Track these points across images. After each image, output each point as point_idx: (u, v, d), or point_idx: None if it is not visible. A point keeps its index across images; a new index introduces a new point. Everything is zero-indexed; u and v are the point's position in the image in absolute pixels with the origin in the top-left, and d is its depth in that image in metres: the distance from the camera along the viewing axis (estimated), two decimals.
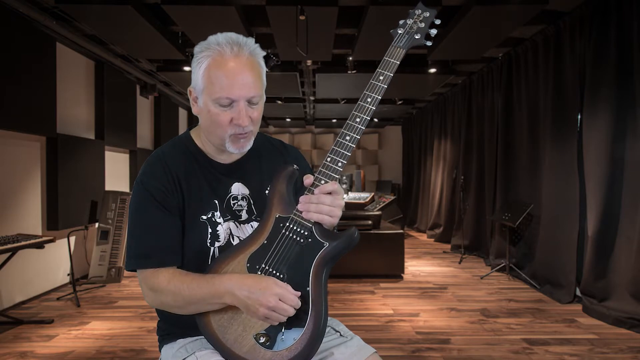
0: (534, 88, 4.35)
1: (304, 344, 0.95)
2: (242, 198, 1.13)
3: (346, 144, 1.02)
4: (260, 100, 1.06)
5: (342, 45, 4.53)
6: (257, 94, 1.03)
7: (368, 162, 10.64)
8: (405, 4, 3.41)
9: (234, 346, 0.98)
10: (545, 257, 4.07)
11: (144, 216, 1.04)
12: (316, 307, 0.96)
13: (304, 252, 0.99)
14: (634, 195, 3.13)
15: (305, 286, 0.97)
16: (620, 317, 3.10)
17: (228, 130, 1.03)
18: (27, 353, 2.70)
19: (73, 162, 4.24)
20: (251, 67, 1.02)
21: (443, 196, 7.06)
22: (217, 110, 1.01)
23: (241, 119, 1.01)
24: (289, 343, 0.95)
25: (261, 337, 0.96)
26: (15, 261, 3.37)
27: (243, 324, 0.98)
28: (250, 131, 1.06)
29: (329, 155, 1.02)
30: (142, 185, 1.05)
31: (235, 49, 1.00)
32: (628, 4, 3.16)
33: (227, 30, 1.07)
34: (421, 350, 2.75)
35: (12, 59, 3.42)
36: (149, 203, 1.03)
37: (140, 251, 1.02)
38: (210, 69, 1.00)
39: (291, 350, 0.95)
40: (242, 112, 1.01)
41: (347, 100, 7.41)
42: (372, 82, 1.03)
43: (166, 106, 6.79)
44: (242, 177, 1.14)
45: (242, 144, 1.07)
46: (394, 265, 4.60)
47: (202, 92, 1.03)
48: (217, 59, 1.00)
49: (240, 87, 1.00)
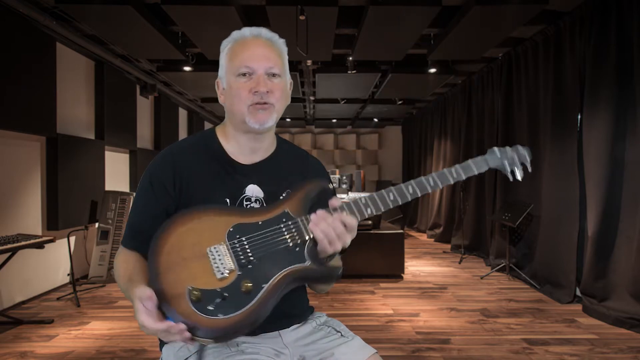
0: (534, 88, 4.35)
1: (225, 325, 0.89)
2: (256, 200, 1.12)
3: (386, 201, 1.03)
4: (282, 75, 1.10)
5: (342, 45, 4.52)
6: (276, 65, 1.08)
7: (368, 162, 10.64)
8: (406, 4, 3.41)
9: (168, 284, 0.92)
10: (545, 257, 4.07)
11: (137, 201, 1.11)
12: (258, 306, 0.92)
13: (284, 255, 0.98)
14: (634, 195, 3.13)
15: (263, 283, 0.94)
16: (620, 317, 3.10)
17: (247, 100, 1.06)
18: (27, 353, 2.70)
19: (73, 162, 4.23)
20: (270, 46, 1.10)
21: (443, 196, 7.06)
22: (237, 83, 1.07)
23: (260, 85, 1.05)
24: (213, 314, 0.90)
25: (194, 292, 0.91)
26: (15, 261, 3.37)
27: (189, 271, 0.94)
28: (270, 104, 1.08)
29: (365, 197, 1.03)
30: (147, 172, 1.12)
31: (255, 33, 1.10)
32: (628, 4, 3.16)
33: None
34: (421, 350, 2.75)
35: (12, 58, 3.41)
36: (145, 190, 1.09)
37: (126, 231, 1.10)
38: (232, 49, 1.10)
39: (211, 321, 0.89)
40: (261, 79, 1.06)
41: (347, 100, 7.41)
42: (445, 171, 1.06)
43: (166, 106, 6.79)
44: (259, 180, 1.14)
45: (260, 116, 1.07)
46: (394, 265, 4.60)
47: (225, 74, 1.11)
48: (239, 41, 1.10)
49: (259, 58, 1.07)
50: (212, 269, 0.95)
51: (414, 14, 3.55)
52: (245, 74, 1.06)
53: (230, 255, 0.96)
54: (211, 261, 0.95)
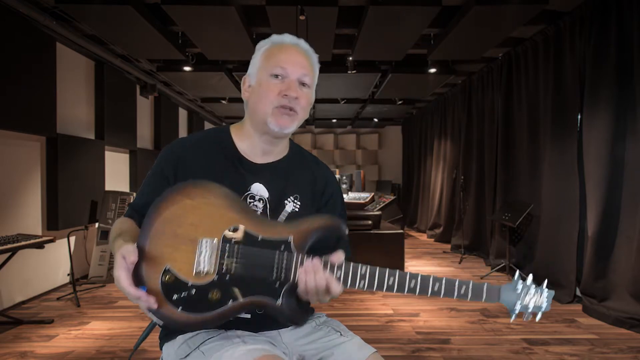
0: (534, 88, 4.35)
1: (179, 319, 0.93)
2: (259, 199, 1.13)
3: (384, 283, 0.96)
4: (310, 87, 1.14)
5: (342, 45, 4.53)
6: (309, 75, 1.12)
7: (368, 162, 10.64)
8: (406, 4, 3.41)
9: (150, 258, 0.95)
10: (545, 257, 4.07)
11: (144, 184, 1.15)
12: (216, 317, 0.94)
13: (262, 283, 0.96)
14: (634, 195, 3.13)
15: (230, 299, 0.94)
16: (620, 317, 3.10)
17: (274, 101, 1.08)
18: (27, 353, 2.70)
19: (73, 162, 4.24)
20: (306, 56, 1.14)
21: (443, 196, 7.06)
22: (268, 82, 1.09)
23: (291, 90, 1.08)
24: (174, 304, 0.93)
25: (169, 275, 0.93)
26: (15, 261, 3.37)
27: (174, 249, 0.95)
28: (296, 110, 1.09)
29: (366, 269, 0.96)
30: (157, 159, 1.16)
31: (294, 41, 1.13)
32: (628, 4, 3.16)
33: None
34: (421, 350, 2.75)
35: (12, 59, 3.41)
36: (155, 171, 1.14)
37: (129, 207, 1.15)
38: (270, 49, 1.12)
39: (170, 310, 0.93)
40: (292, 84, 1.08)
41: (347, 100, 7.41)
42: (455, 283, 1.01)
43: (166, 106, 6.79)
44: (266, 180, 1.14)
45: (284, 121, 1.08)
46: (394, 265, 4.50)
47: (257, 71, 1.12)
48: (277, 44, 1.13)
49: (294, 64, 1.09)
50: (194, 260, 0.94)
51: (414, 14, 3.55)
52: (278, 75, 1.08)
53: (217, 256, 0.95)
54: (197, 252, 0.95)
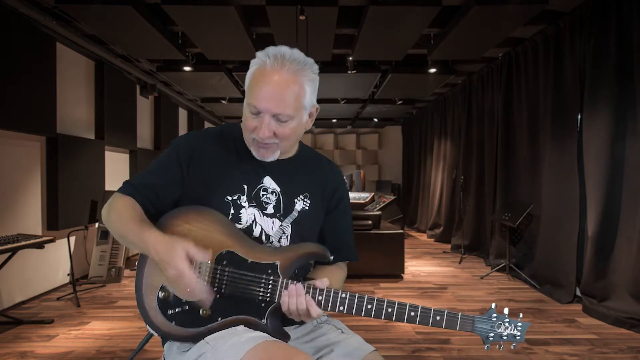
0: (534, 88, 4.35)
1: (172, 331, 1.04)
2: (272, 192, 1.15)
3: (362, 309, 1.03)
4: (292, 119, 1.06)
5: (342, 45, 4.52)
6: (285, 112, 1.04)
7: (368, 162, 10.64)
8: (406, 4, 3.41)
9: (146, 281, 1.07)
10: (545, 257, 4.07)
11: (158, 160, 1.15)
12: (205, 331, 1.03)
13: (249, 303, 1.04)
14: (634, 195, 3.13)
15: (220, 317, 1.04)
16: (620, 317, 3.10)
17: (252, 134, 1.08)
18: (27, 353, 2.70)
19: (73, 162, 4.23)
20: (287, 86, 1.03)
21: (443, 196, 7.06)
22: (247, 115, 1.07)
23: (261, 132, 1.05)
24: (169, 319, 1.04)
25: (164, 292, 1.04)
26: (15, 261, 3.37)
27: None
28: (273, 143, 1.08)
29: (347, 295, 1.03)
30: (173, 145, 1.16)
31: (277, 64, 1.03)
32: (628, 4, 3.16)
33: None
34: (421, 350, 2.75)
35: (12, 58, 3.41)
36: (170, 154, 1.14)
37: (129, 182, 1.12)
38: (253, 75, 1.06)
39: (165, 324, 1.04)
40: (264, 124, 1.04)
41: (347, 100, 7.40)
42: (430, 312, 1.02)
43: (166, 106, 6.79)
44: (275, 175, 1.17)
45: (262, 153, 1.10)
46: (394, 265, 4.60)
47: (245, 94, 1.10)
48: (260, 69, 1.05)
49: (268, 101, 1.02)
50: None
51: (414, 14, 3.55)
52: (254, 113, 1.06)
53: (209, 277, 1.04)
54: None
